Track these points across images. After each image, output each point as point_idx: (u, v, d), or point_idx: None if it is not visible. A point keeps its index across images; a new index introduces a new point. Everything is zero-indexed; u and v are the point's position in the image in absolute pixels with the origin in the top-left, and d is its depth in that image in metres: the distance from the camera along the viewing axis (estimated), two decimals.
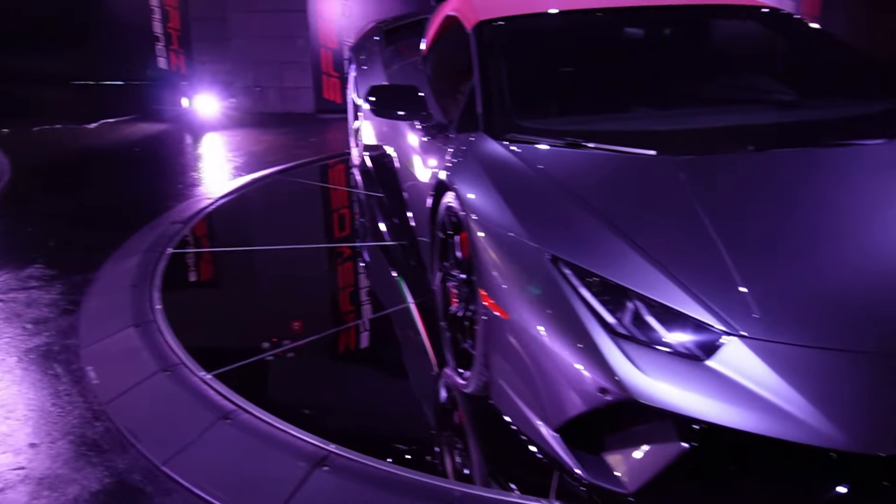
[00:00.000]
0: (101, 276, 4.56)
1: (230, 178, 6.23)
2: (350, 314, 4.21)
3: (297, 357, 3.68)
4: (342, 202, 5.77)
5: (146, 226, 5.24)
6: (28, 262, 4.80)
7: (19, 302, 4.32)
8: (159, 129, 7.82)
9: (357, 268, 4.80)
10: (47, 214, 5.67)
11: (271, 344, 3.76)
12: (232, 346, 3.81)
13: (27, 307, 4.27)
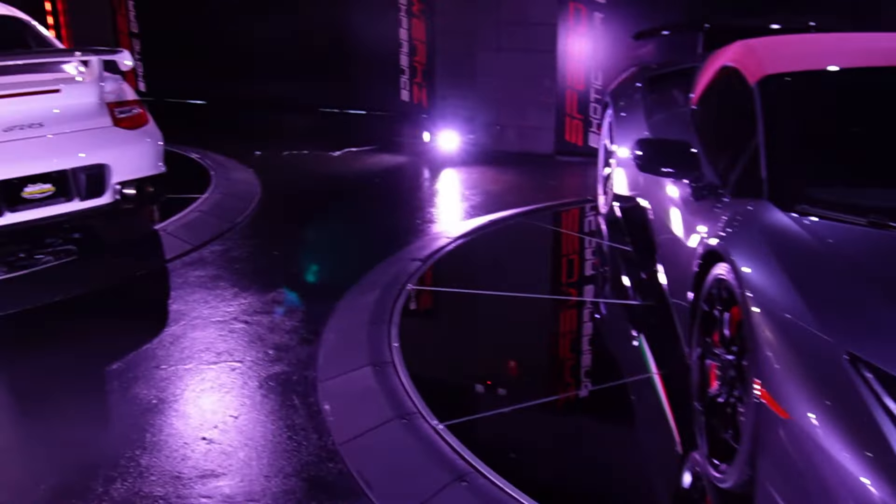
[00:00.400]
0: (341, 308, 4.58)
1: (467, 217, 6.17)
2: (587, 375, 3.95)
3: (529, 416, 3.49)
4: (583, 251, 5.53)
5: (385, 260, 5.26)
6: (273, 287, 4.93)
7: (263, 326, 4.42)
8: (399, 162, 7.96)
9: (597, 324, 4.54)
10: (292, 239, 5.85)
11: (504, 398, 3.63)
12: (466, 395, 3.73)
13: (270, 332, 4.35)
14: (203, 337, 4.31)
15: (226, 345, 4.21)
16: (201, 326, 4.43)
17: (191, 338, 4.30)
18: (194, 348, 4.18)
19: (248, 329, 4.39)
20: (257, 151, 8.19)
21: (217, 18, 10.54)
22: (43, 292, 4.85)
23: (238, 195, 6.62)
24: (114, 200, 5.13)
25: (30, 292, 4.85)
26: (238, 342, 4.24)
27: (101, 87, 5.13)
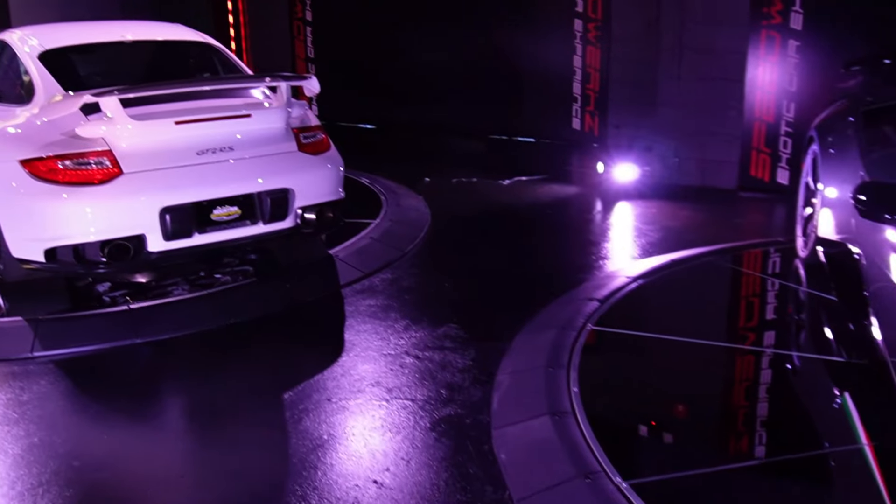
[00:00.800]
0: (515, 348, 4.36)
1: (645, 255, 5.82)
2: (783, 439, 3.53)
3: (718, 481, 3.13)
4: (777, 298, 5.07)
5: (559, 298, 5.01)
6: (443, 320, 4.77)
7: (434, 363, 4.26)
8: (571, 193, 7.70)
9: (793, 380, 4.11)
10: (462, 270, 5.69)
11: (692, 457, 3.29)
12: (651, 450, 3.45)
13: (442, 369, 4.18)
14: (373, 370, 4.19)
15: (396, 380, 4.07)
16: (372, 359, 4.32)
17: (361, 370, 4.19)
18: (365, 382, 4.06)
19: (418, 365, 4.24)
20: (426, 178, 8.14)
21: (388, 44, 10.66)
22: (220, 314, 4.90)
23: (408, 222, 6.55)
24: (295, 224, 5.16)
25: (208, 313, 4.91)
26: (409, 378, 4.09)
27: (288, 112, 5.18)
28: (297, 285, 5.36)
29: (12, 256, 4.77)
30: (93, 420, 3.86)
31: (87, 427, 3.77)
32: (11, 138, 4.94)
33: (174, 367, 4.42)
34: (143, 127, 4.72)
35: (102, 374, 4.29)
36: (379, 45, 10.72)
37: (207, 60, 6.15)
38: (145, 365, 4.40)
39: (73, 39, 5.84)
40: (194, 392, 4.19)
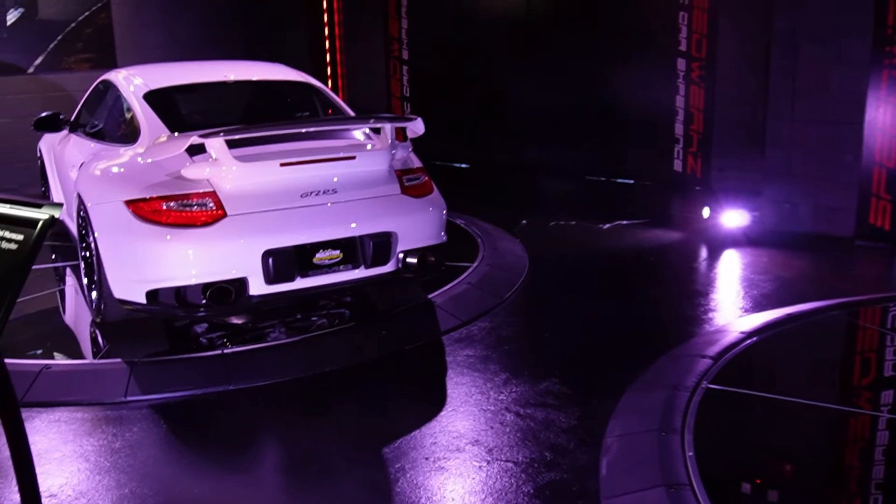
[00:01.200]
0: (622, 409, 4.09)
1: (758, 308, 5.47)
2: None
3: None
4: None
5: (667, 353, 4.72)
6: (545, 375, 4.54)
7: (536, 421, 4.02)
8: (674, 238, 7.37)
9: None
10: (562, 319, 5.44)
11: None
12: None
13: (544, 428, 3.94)
14: (473, 427, 3.98)
15: (497, 439, 3.85)
16: (471, 414, 4.11)
17: (460, 426, 3.98)
18: (464, 439, 3.85)
19: (520, 423, 4.00)
20: (523, 220, 7.93)
21: (485, 83, 10.57)
22: (315, 361, 4.77)
23: (506, 267, 6.34)
24: (396, 269, 5.03)
25: (304, 359, 4.80)
26: (510, 438, 3.86)
27: (392, 154, 5.07)
28: (395, 332, 5.21)
29: (113, 297, 4.75)
30: (184, 471, 3.75)
31: (179, 478, 3.66)
32: (116, 178, 4.96)
33: (267, 416, 4.29)
34: (248, 168, 4.66)
35: (195, 422, 4.19)
36: (476, 84, 10.65)
37: (307, 100, 6.13)
38: (238, 413, 4.28)
39: (177, 79, 5.89)
40: (287, 444, 4.06)
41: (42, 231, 2.05)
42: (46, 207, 2.07)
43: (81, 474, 3.64)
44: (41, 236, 2.04)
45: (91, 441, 3.94)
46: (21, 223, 2.07)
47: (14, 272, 2.03)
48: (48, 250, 7.24)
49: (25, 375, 4.54)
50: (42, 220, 2.05)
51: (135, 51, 9.96)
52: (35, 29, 9.36)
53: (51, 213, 2.06)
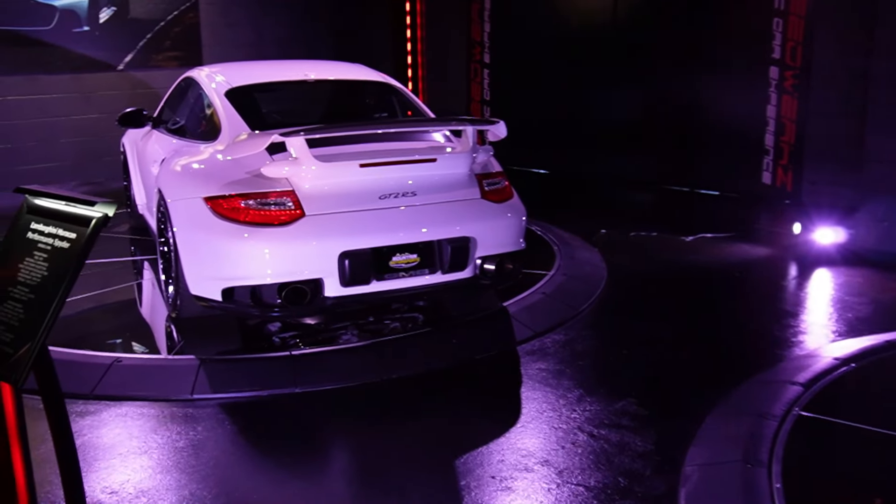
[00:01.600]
0: (704, 435, 3.85)
1: (854, 332, 5.14)
2: None
3: None
4: None
5: (754, 377, 4.46)
6: (621, 394, 4.32)
7: (611, 443, 3.82)
8: (762, 254, 7.03)
9: None
10: (641, 335, 5.21)
11: None
12: None
13: (619, 451, 3.74)
14: (542, 446, 3.80)
15: (568, 460, 3.66)
16: (542, 432, 3.93)
17: (530, 444, 3.81)
18: (533, 459, 3.68)
19: (593, 444, 3.81)
20: (602, 229, 7.69)
21: (567, 88, 10.35)
22: (385, 366, 4.67)
23: (583, 278, 6.13)
24: (474, 275, 4.90)
25: (374, 364, 4.69)
26: (582, 460, 3.67)
27: (473, 157, 4.95)
28: (467, 340, 5.06)
29: (189, 293, 4.74)
30: (245, 474, 3.67)
31: (239, 482, 3.57)
32: (196, 175, 4.95)
33: (331, 421, 4.19)
34: (328, 168, 4.60)
35: (258, 424, 4.12)
36: (557, 89, 10.44)
37: (386, 100, 6.05)
38: (302, 417, 4.19)
39: (258, 78, 5.88)
40: (349, 453, 3.95)
41: (95, 230, 1.97)
42: (100, 206, 1.99)
43: (144, 472, 3.59)
44: (94, 235, 1.96)
45: (155, 438, 3.90)
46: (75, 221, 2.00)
47: (66, 270, 1.95)
48: (127, 243, 7.33)
49: (97, 368, 4.56)
50: (95, 218, 1.97)
51: (220, 49, 10.08)
52: (126, 27, 9.54)
53: (104, 211, 1.98)
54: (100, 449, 3.81)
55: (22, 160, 8.91)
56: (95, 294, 5.96)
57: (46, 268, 1.98)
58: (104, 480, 3.54)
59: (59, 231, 2.02)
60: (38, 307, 1.94)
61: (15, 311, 1.98)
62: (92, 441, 3.88)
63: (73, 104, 9.19)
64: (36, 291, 1.96)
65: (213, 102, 5.48)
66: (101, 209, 1.99)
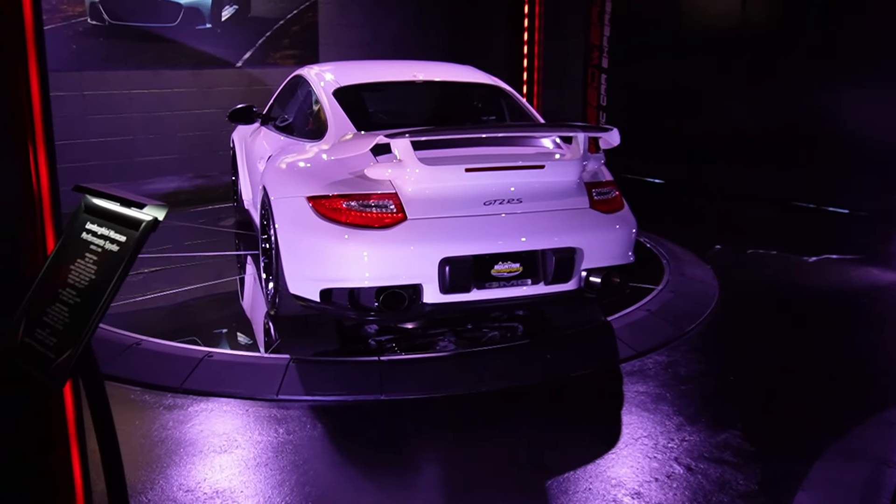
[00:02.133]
0: (815, 479, 3.50)
1: None
2: None
3: None
4: None
5: (875, 416, 4.07)
6: (725, 425, 4.01)
7: (710, 479, 3.52)
8: (892, 280, 6.48)
9: None
10: (752, 362, 4.85)
11: None
12: None
13: (719, 489, 3.44)
14: (634, 476, 3.54)
15: (661, 494, 3.40)
16: (635, 461, 3.67)
17: (620, 473, 3.56)
18: (622, 490, 3.43)
19: (689, 478, 3.53)
20: (717, 245, 7.29)
21: (688, 96, 9.93)
22: (474, 378, 4.51)
23: (692, 296, 5.79)
24: (578, 288, 4.71)
25: (461, 375, 4.54)
26: (676, 495, 3.40)
27: (583, 165, 4.75)
28: (562, 355, 4.83)
29: (289, 292, 4.70)
30: (322, 480, 3.56)
31: (315, 488, 3.47)
32: (301, 174, 4.91)
33: (414, 432, 4.04)
34: (432, 172, 4.48)
35: (342, 429, 4.01)
36: (677, 96, 10.03)
37: (495, 103, 5.89)
38: (386, 424, 4.06)
39: (367, 77, 5.82)
40: (432, 466, 3.80)
41: (143, 234, 1.88)
42: (150, 208, 1.90)
43: (222, 472, 3.54)
44: (142, 240, 1.87)
45: (237, 437, 3.85)
46: (127, 223, 1.91)
47: (112, 274, 1.86)
48: (233, 237, 7.42)
49: (188, 361, 4.57)
50: (144, 222, 1.88)
51: (337, 49, 10.15)
52: (246, 25, 9.72)
53: (154, 214, 1.89)
54: (182, 444, 3.79)
55: (141, 152, 9.19)
56: (197, 287, 6.04)
57: (95, 271, 1.90)
58: (182, 477, 3.50)
59: (111, 233, 1.94)
60: (83, 312, 1.86)
61: (61, 315, 1.92)
62: (175, 436, 3.86)
63: (193, 99, 9.42)
64: (83, 295, 1.89)
65: (320, 101, 5.45)
66: (152, 212, 1.89)
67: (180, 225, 7.77)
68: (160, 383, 4.40)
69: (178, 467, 3.59)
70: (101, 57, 8.77)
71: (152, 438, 3.84)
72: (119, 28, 8.82)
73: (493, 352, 4.80)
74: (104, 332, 4.94)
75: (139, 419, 4.05)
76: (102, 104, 8.82)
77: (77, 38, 8.59)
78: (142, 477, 3.50)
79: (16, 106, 2.07)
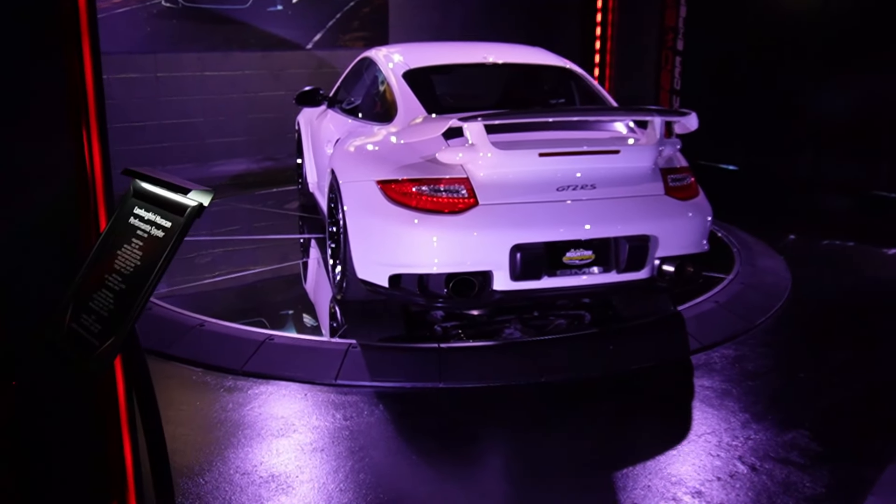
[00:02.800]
0: (886, 484, 3.35)
1: None
2: None
3: None
4: None
5: None
6: (793, 424, 3.86)
7: (775, 480, 3.40)
8: None
9: None
10: (824, 360, 4.66)
11: None
12: None
13: (783, 491, 3.32)
14: (696, 474, 3.44)
15: (723, 494, 3.29)
16: (697, 459, 3.56)
17: (681, 471, 3.46)
18: (682, 488, 3.33)
19: (754, 478, 3.41)
20: (791, 235, 7.05)
21: (766, 81, 9.59)
22: (534, 368, 4.44)
23: (762, 288, 5.60)
24: (651, 276, 4.59)
25: (521, 365, 4.47)
26: (739, 496, 3.28)
27: (658, 151, 4.63)
28: (627, 347, 4.72)
29: (356, 277, 4.71)
30: (378, 468, 3.54)
31: (372, 475, 3.46)
32: (370, 157, 4.89)
33: (471, 423, 4.00)
34: (505, 157, 4.41)
35: (397, 418, 3.99)
36: (757, 81, 9.70)
37: (566, 86, 5.78)
38: (443, 413, 4.03)
39: (436, 59, 5.76)
40: (488, 458, 3.75)
41: (188, 220, 1.86)
42: (195, 193, 1.87)
43: (278, 456, 3.56)
44: (187, 225, 1.85)
45: (295, 422, 3.87)
46: (173, 209, 1.90)
47: (156, 260, 1.85)
48: (297, 221, 7.47)
49: (249, 344, 4.61)
50: (190, 207, 1.86)
51: (406, 31, 10.10)
52: (316, 7, 9.74)
53: (200, 200, 1.86)
54: (241, 427, 3.82)
55: (211, 134, 9.33)
56: (262, 270, 6.10)
57: (140, 257, 1.90)
58: (239, 460, 3.53)
59: (157, 219, 1.93)
60: (128, 298, 1.86)
61: (106, 301, 1.92)
62: (234, 418, 3.90)
63: (263, 81, 9.50)
64: (128, 281, 1.89)
65: (389, 83, 5.41)
66: (197, 197, 1.87)
67: (248, 208, 7.86)
68: (222, 365, 4.45)
69: (235, 449, 3.62)
70: (174, 39, 8.91)
71: (212, 420, 3.89)
72: (192, 10, 8.94)
73: (554, 341, 4.73)
74: (168, 313, 5.02)
75: (200, 400, 4.10)
76: (175, 86, 8.97)
77: (151, 20, 8.74)
78: (200, 458, 3.54)
79: (71, 91, 2.08)
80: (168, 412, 3.95)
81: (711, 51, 10.18)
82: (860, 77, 8.60)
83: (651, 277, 4.59)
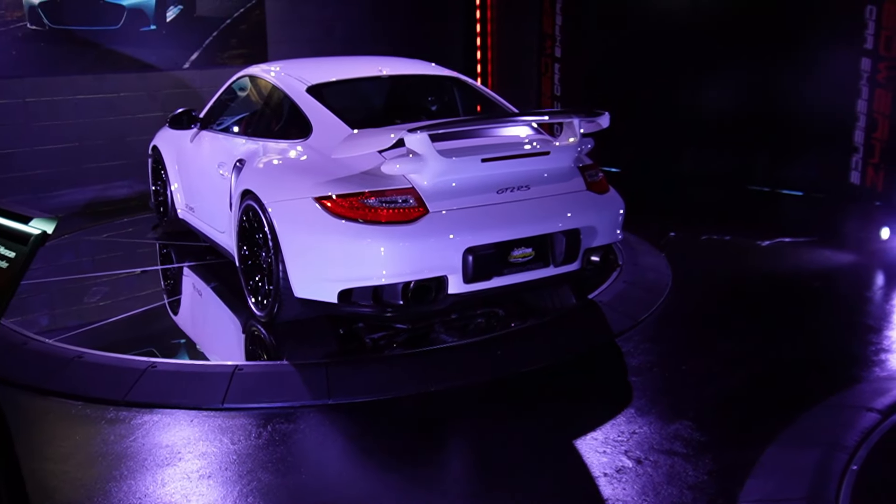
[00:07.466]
0: (764, 466, 3.48)
1: None
2: None
3: None
4: None
5: (826, 401, 4.05)
6: (676, 415, 3.98)
7: (660, 471, 3.48)
8: (846, 262, 6.49)
9: None
10: (704, 351, 4.82)
11: None
12: None
13: (668, 482, 3.40)
14: (581, 474, 3.49)
15: (609, 490, 3.35)
16: (582, 456, 3.62)
17: (565, 473, 3.51)
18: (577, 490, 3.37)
19: (639, 471, 3.49)
20: (671, 232, 7.28)
21: (639, 84, 9.90)
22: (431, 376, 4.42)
23: (645, 285, 5.76)
24: (581, 267, 4.86)
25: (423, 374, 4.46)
26: (626, 490, 3.35)
27: (579, 150, 4.91)
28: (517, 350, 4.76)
29: (293, 297, 4.63)
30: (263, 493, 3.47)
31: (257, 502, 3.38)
32: (301, 174, 4.79)
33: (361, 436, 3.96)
34: (451, 164, 4.50)
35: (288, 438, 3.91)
36: (628, 85, 10.00)
37: (461, 95, 5.99)
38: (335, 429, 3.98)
39: (337, 74, 5.73)
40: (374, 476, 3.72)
41: (33, 248, 1.78)
42: (38, 221, 1.79)
43: (164, 487, 3.43)
44: (32, 254, 1.77)
45: (180, 450, 3.74)
46: (14, 238, 1.81)
47: (3, 291, 1.76)
48: (160, 250, 7.26)
49: (131, 373, 4.47)
50: (33, 235, 1.78)
51: (287, 47, 9.99)
52: (192, 25, 9.53)
53: (43, 228, 1.79)
54: (124, 459, 3.68)
55: (91, 158, 9.00)
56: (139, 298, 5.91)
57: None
58: (122, 493, 3.40)
59: (1, 249, 1.83)
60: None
61: None
62: (116, 451, 3.75)
63: (140, 103, 9.23)
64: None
65: (293, 100, 5.33)
66: (40, 225, 1.79)
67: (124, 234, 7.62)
68: (102, 396, 4.28)
69: (118, 483, 3.48)
70: (44, 62, 8.56)
71: (93, 454, 3.73)
72: (60, 32, 8.61)
73: (446, 349, 4.75)
74: (44, 346, 4.82)
75: (80, 435, 3.93)
76: (46, 111, 8.62)
77: (17, 43, 8.37)
78: (80, 495, 3.39)
79: None
80: (47, 449, 3.79)
81: (586, 57, 10.45)
82: (732, 76, 8.96)
83: (582, 268, 4.86)
